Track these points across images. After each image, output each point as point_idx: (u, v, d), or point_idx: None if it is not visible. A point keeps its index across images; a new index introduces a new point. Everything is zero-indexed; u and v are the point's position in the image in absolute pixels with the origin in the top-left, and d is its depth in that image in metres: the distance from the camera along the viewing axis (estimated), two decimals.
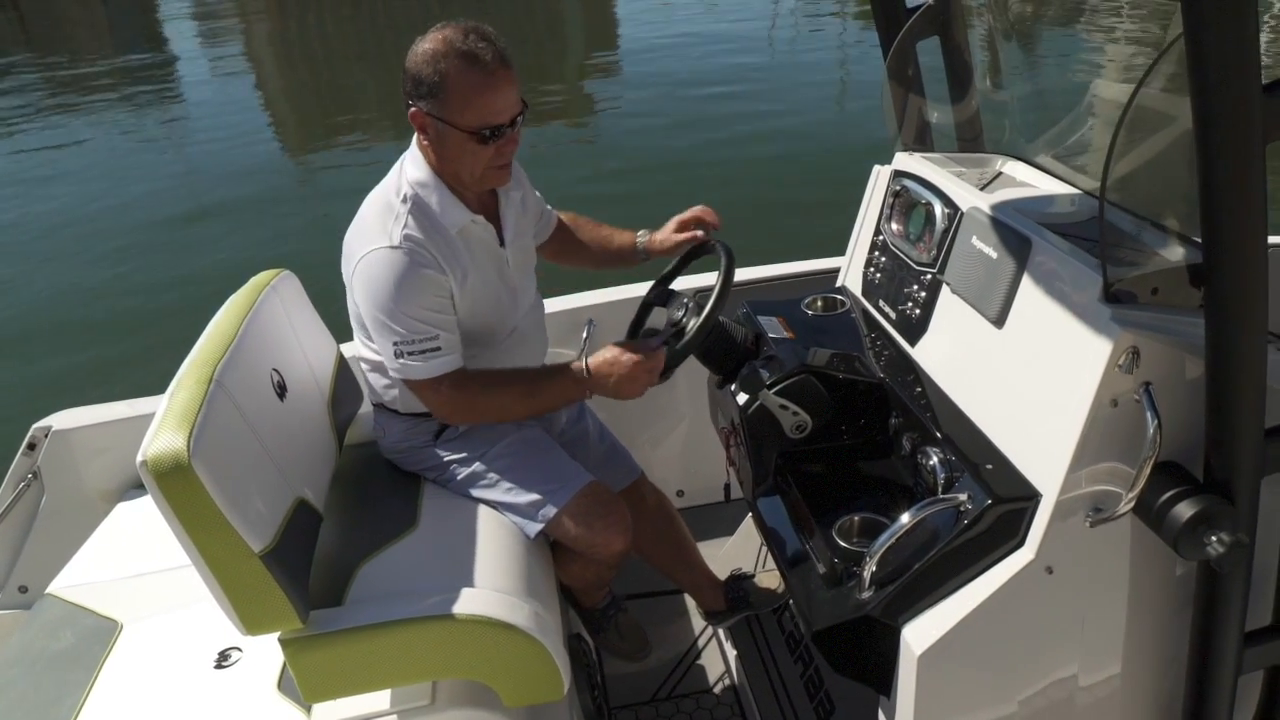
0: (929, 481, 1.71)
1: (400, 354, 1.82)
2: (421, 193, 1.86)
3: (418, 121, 1.82)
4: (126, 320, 6.52)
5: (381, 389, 2.06)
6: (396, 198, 1.86)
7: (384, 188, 1.90)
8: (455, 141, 1.81)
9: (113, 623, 2.10)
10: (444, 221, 1.88)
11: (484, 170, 1.86)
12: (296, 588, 1.59)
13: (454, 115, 1.78)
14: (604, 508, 2.00)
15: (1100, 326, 1.44)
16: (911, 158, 2.16)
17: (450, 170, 1.87)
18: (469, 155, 1.83)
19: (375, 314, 1.82)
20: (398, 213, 1.84)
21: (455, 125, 1.79)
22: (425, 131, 1.83)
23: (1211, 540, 1.39)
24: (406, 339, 1.81)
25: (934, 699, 1.57)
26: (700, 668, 2.51)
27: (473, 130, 1.79)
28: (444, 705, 1.76)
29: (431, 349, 1.83)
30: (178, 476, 1.43)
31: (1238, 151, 1.19)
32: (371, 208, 1.88)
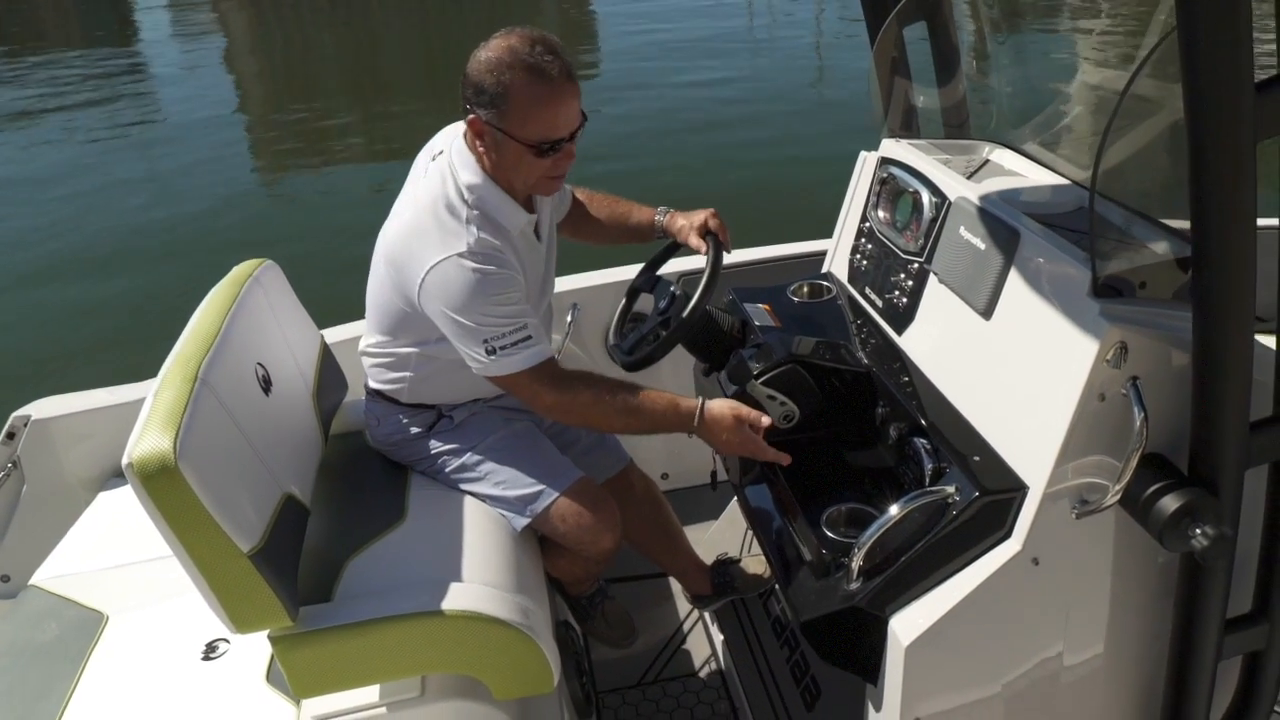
0: (917, 472, 1.72)
1: (492, 350, 1.78)
2: (481, 200, 1.84)
3: (475, 128, 1.79)
4: (102, 309, 6.45)
5: (389, 378, 2.03)
6: (459, 202, 1.82)
7: (436, 192, 1.84)
8: (513, 152, 1.79)
9: (98, 614, 2.09)
10: (506, 224, 1.86)
11: (538, 180, 1.85)
12: (286, 585, 1.59)
13: (514, 127, 1.76)
14: (593, 505, 1.99)
15: (1088, 322, 1.45)
16: (898, 145, 2.15)
17: (503, 178, 1.86)
18: (525, 166, 1.81)
19: (458, 320, 1.78)
20: (466, 217, 1.81)
21: (514, 137, 1.77)
22: (482, 138, 1.80)
23: (1196, 533, 1.40)
24: (498, 334, 1.77)
25: (920, 687, 1.59)
26: (686, 652, 2.53)
27: (532, 144, 1.77)
28: (434, 698, 1.76)
29: (524, 339, 1.79)
30: (164, 479, 1.42)
31: (1228, 150, 1.19)
32: (430, 214, 1.82)
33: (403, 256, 1.83)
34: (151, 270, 7.01)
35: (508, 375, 1.83)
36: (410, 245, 1.82)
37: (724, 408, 1.86)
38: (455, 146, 1.89)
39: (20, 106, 12.61)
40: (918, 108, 2.26)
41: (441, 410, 2.04)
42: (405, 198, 1.95)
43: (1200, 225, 1.26)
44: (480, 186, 1.84)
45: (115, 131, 11.29)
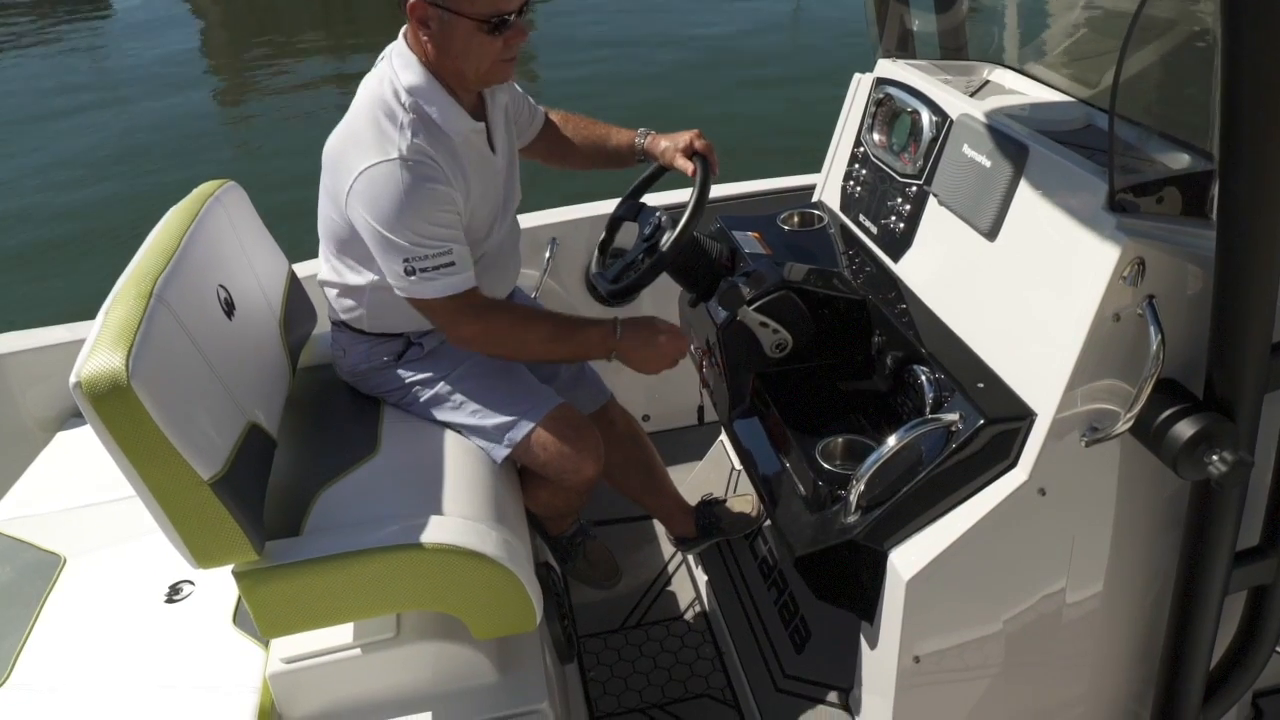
0: (916, 401, 1.64)
1: (411, 270, 1.69)
2: (421, 99, 1.72)
3: (418, 13, 1.67)
4: (58, 243, 6.25)
5: (347, 306, 1.93)
6: (396, 103, 1.71)
7: (373, 93, 1.74)
8: (462, 33, 1.67)
9: (55, 556, 1.99)
10: (447, 130, 1.75)
11: (491, 64, 1.73)
12: (250, 517, 1.49)
13: (462, 3, 1.65)
14: (574, 431, 1.91)
15: (1105, 235, 1.37)
16: (896, 65, 2.06)
17: (451, 68, 1.73)
18: (476, 48, 1.69)
19: (380, 231, 1.68)
20: (401, 122, 1.69)
21: (463, 14, 1.65)
22: (426, 25, 1.68)
23: (1213, 459, 1.34)
24: (418, 255, 1.68)
25: (920, 624, 1.53)
26: (670, 594, 2.47)
27: (483, 19, 1.66)
28: (410, 638, 1.68)
29: (445, 264, 1.70)
30: (116, 399, 1.31)
31: (1267, 52, 1.10)
32: (363, 116, 1.72)
33: (337, 163, 1.74)
34: (108, 201, 6.79)
35: (425, 300, 1.75)
36: (344, 150, 1.72)
37: (639, 323, 1.87)
38: (396, 47, 1.78)
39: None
40: (914, 30, 2.16)
41: (410, 338, 1.93)
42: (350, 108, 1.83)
43: (1232, 133, 1.17)
44: (421, 87, 1.73)
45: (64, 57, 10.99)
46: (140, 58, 11.17)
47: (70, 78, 10.37)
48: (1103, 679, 1.73)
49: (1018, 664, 1.63)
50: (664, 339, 1.87)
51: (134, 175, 7.26)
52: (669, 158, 2.04)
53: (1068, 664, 1.68)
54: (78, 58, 11.20)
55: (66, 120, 8.74)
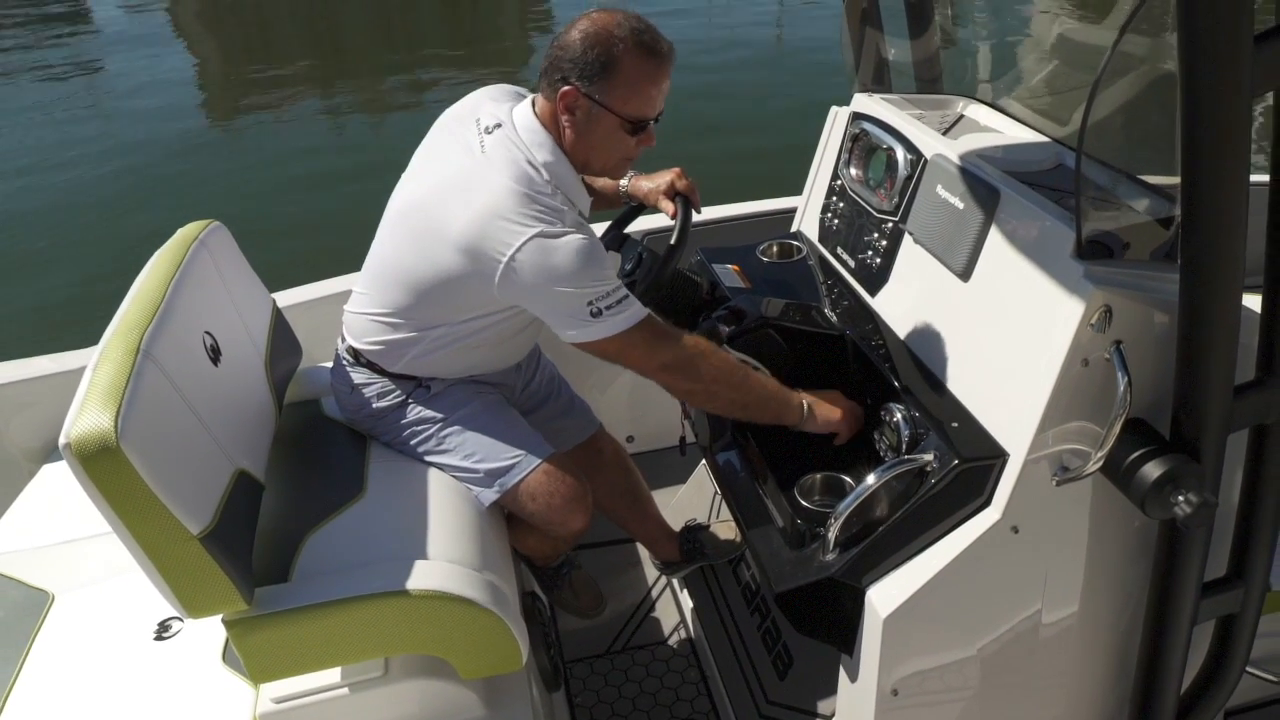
0: (892, 438, 1.68)
1: (598, 311, 1.69)
2: (557, 179, 1.75)
3: (568, 100, 1.70)
4: (48, 278, 6.21)
5: (382, 343, 1.92)
6: (540, 180, 1.73)
7: (509, 169, 1.72)
8: (605, 128, 1.72)
9: (43, 593, 2.00)
10: (578, 205, 1.79)
11: (618, 161, 1.80)
12: (239, 567, 1.51)
13: (616, 101, 1.69)
14: (564, 484, 1.92)
15: (1073, 284, 1.41)
16: (871, 99, 2.09)
17: (582, 155, 1.78)
18: (614, 144, 1.75)
19: (560, 288, 1.68)
20: (549, 202, 1.70)
21: (614, 111, 1.70)
22: (572, 112, 1.72)
23: (1179, 500, 1.38)
24: (599, 295, 1.69)
25: (898, 658, 1.57)
26: (655, 619, 2.50)
27: (630, 119, 1.72)
28: (397, 678, 1.70)
29: (624, 296, 1.72)
30: (105, 459, 1.32)
31: (1224, 103, 1.14)
32: (507, 191, 1.69)
33: (474, 236, 1.69)
34: (98, 231, 6.76)
35: (615, 335, 1.72)
36: (494, 224, 1.68)
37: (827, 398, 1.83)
38: (521, 122, 1.79)
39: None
40: (890, 61, 2.19)
41: (421, 380, 1.95)
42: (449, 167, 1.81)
43: (1191, 182, 1.21)
44: (556, 165, 1.76)
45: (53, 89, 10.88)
46: (123, 83, 11.14)
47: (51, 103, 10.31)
48: (1078, 701, 1.77)
49: (993, 691, 1.67)
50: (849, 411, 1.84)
51: (115, 213, 7.22)
52: (652, 199, 2.07)
53: (1044, 687, 1.72)
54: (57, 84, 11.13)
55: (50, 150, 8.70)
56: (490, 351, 1.95)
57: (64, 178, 7.94)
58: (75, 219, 7.11)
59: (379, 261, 1.91)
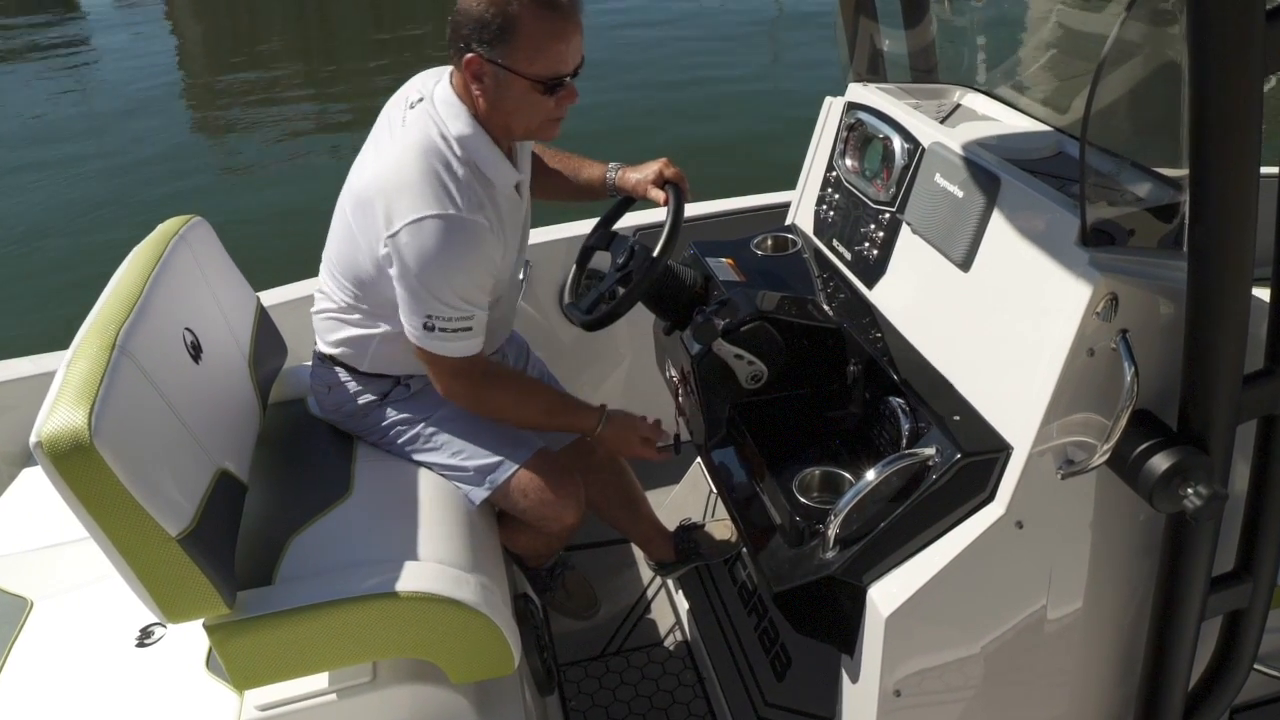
0: (893, 432, 1.64)
1: (431, 327, 1.69)
2: (473, 152, 1.71)
3: (474, 68, 1.65)
4: (22, 273, 6.14)
5: (346, 343, 1.90)
6: (449, 153, 1.69)
7: (422, 142, 1.70)
8: (517, 92, 1.67)
9: (22, 600, 1.95)
10: (495, 181, 1.74)
11: (541, 122, 1.74)
12: (221, 570, 1.46)
13: (521, 63, 1.64)
14: (555, 478, 1.89)
15: (1078, 272, 1.37)
16: (866, 89, 2.05)
17: (500, 122, 1.73)
18: (529, 107, 1.69)
19: (416, 283, 1.66)
20: (457, 173, 1.68)
21: (521, 74, 1.65)
22: (480, 80, 1.67)
23: (1188, 493, 1.34)
24: (443, 316, 1.68)
25: (900, 657, 1.53)
26: (650, 621, 2.46)
27: (541, 79, 1.66)
28: (386, 683, 1.66)
29: (463, 329, 1.71)
30: (78, 458, 1.28)
31: (1235, 83, 1.10)
32: (412, 162, 1.68)
33: (374, 204, 1.69)
34: (80, 228, 6.69)
35: (433, 354, 1.75)
36: (388, 193, 1.68)
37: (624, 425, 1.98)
38: (439, 95, 1.75)
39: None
40: (884, 51, 2.16)
41: (399, 378, 1.91)
42: (378, 147, 1.80)
43: (1200, 167, 1.17)
44: (471, 138, 1.71)
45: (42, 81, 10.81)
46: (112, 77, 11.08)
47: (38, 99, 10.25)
48: (1083, 699, 1.73)
49: (997, 690, 1.63)
50: (642, 440, 1.99)
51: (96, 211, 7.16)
52: (640, 190, 2.03)
53: (1048, 685, 1.69)
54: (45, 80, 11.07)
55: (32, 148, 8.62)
56: None
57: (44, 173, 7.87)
58: (55, 213, 7.06)
59: (327, 258, 1.89)
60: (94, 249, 6.17)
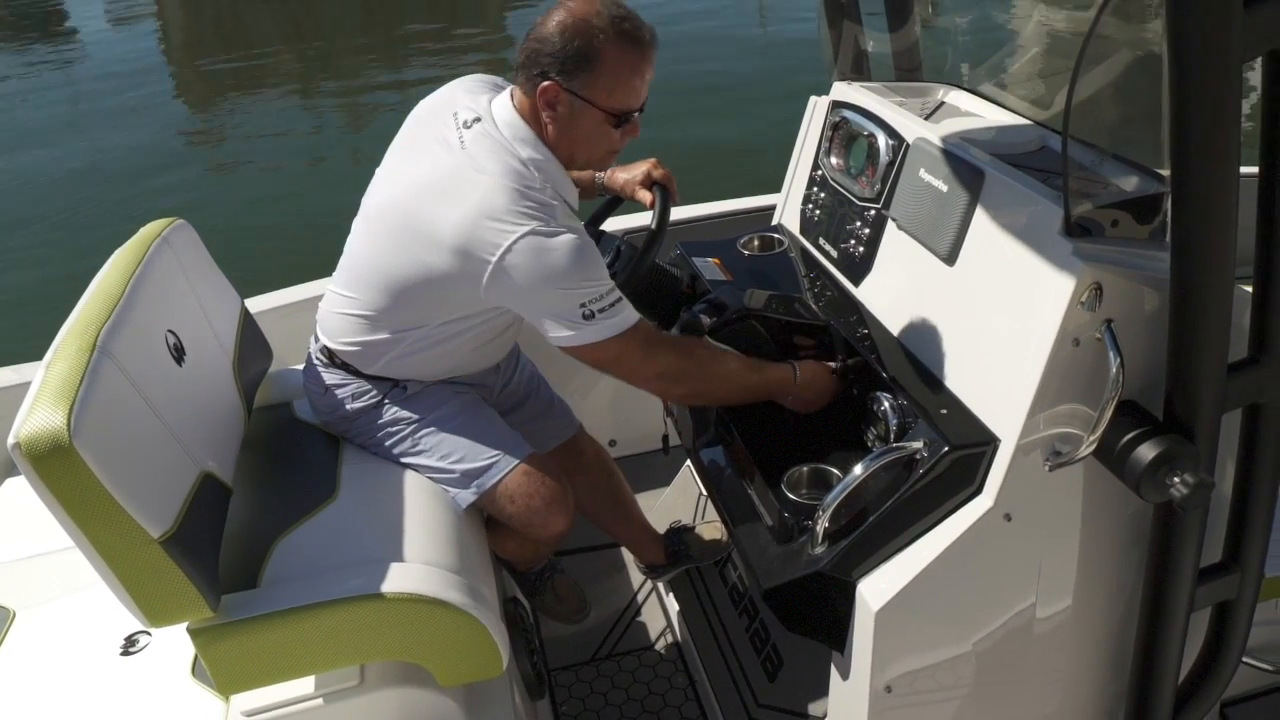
0: (880, 428, 1.64)
1: (590, 314, 1.64)
2: (546, 175, 1.70)
3: (549, 96, 1.65)
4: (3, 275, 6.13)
5: (361, 344, 1.87)
6: (530, 176, 1.67)
7: (495, 165, 1.67)
8: (588, 123, 1.67)
9: (4, 610, 1.93)
10: (567, 200, 1.74)
11: (603, 154, 1.75)
12: (204, 573, 1.45)
13: (599, 95, 1.64)
14: (544, 484, 1.87)
15: (1062, 262, 1.37)
16: (850, 87, 2.06)
17: (566, 149, 1.72)
18: (598, 138, 1.70)
19: (553, 286, 1.63)
20: (544, 191, 1.66)
21: (598, 105, 1.65)
22: (554, 107, 1.66)
23: (1174, 482, 1.34)
24: (594, 296, 1.64)
25: (891, 653, 1.53)
26: (641, 624, 2.44)
27: (615, 112, 1.66)
28: (374, 686, 1.64)
29: (617, 300, 1.67)
30: (58, 459, 1.26)
31: (1214, 71, 1.11)
32: (496, 189, 1.64)
33: (463, 236, 1.64)
34: (62, 230, 6.67)
35: (608, 339, 1.68)
36: (476, 223, 1.63)
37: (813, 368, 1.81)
38: (501, 116, 1.73)
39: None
40: (868, 51, 2.17)
41: (398, 381, 1.89)
42: (428, 164, 1.75)
43: (1182, 157, 1.18)
44: (545, 162, 1.70)
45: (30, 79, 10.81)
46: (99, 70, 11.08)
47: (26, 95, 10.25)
48: (1075, 695, 1.73)
49: (989, 685, 1.63)
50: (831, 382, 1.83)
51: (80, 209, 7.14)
52: (629, 190, 2.03)
53: (1039, 681, 1.68)
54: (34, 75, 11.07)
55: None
56: (470, 354, 1.90)
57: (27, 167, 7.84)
58: (36, 217, 7.03)
59: (356, 260, 1.85)
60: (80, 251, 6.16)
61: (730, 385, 1.79)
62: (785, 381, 1.79)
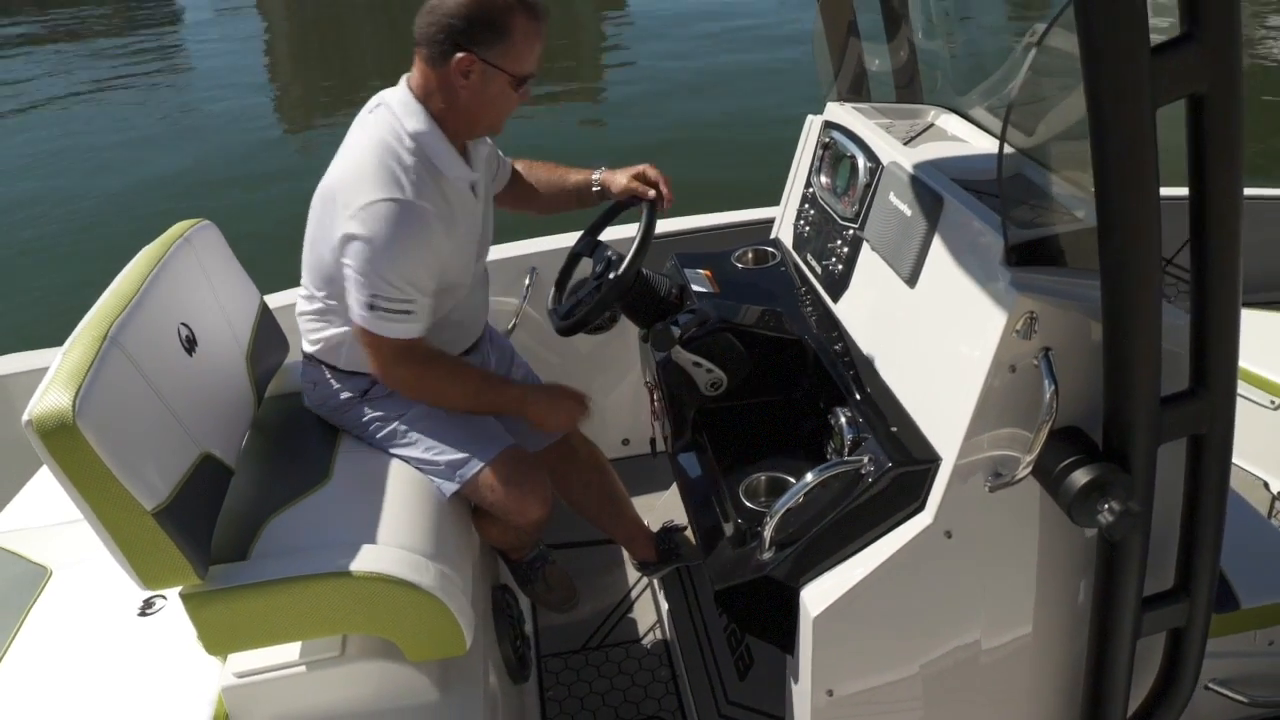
0: (837, 442, 1.69)
1: (374, 306, 1.79)
2: (424, 144, 1.84)
3: (463, 66, 1.79)
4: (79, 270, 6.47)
5: (323, 341, 2.02)
6: (401, 147, 1.82)
7: (375, 136, 1.84)
8: (498, 88, 1.83)
9: (42, 569, 2.10)
10: (447, 174, 1.87)
11: (502, 118, 1.91)
12: (194, 543, 1.59)
13: (510, 62, 1.81)
14: (522, 475, 1.98)
15: (998, 291, 1.42)
16: (843, 108, 2.11)
17: (465, 118, 1.87)
18: (503, 102, 1.86)
19: (364, 264, 1.78)
20: (407, 165, 1.80)
21: (508, 71, 1.81)
22: (466, 75, 1.80)
23: (1104, 508, 1.38)
24: (386, 295, 1.79)
25: (831, 660, 1.58)
26: (632, 619, 2.53)
27: (520, 77, 1.83)
28: (353, 657, 1.76)
29: (404, 311, 1.81)
30: (63, 436, 1.42)
31: (1128, 115, 1.15)
32: (367, 157, 1.82)
33: (334, 199, 1.82)
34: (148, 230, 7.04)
35: (375, 335, 1.85)
36: (344, 187, 1.81)
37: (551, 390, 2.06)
38: (397, 97, 1.88)
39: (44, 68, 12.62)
40: (869, 71, 2.21)
41: (375, 376, 2.02)
42: (342, 149, 1.93)
43: (1103, 192, 1.22)
44: (425, 133, 1.84)
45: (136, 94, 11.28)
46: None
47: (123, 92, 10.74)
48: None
49: (937, 704, 1.66)
50: (567, 405, 2.04)
51: None
52: (625, 192, 2.13)
53: (987, 705, 1.71)
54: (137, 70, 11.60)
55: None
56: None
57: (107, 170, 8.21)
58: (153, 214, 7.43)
59: (304, 259, 2.00)
60: None
61: (459, 405, 2.00)
62: (518, 401, 2.01)
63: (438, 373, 1.94)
